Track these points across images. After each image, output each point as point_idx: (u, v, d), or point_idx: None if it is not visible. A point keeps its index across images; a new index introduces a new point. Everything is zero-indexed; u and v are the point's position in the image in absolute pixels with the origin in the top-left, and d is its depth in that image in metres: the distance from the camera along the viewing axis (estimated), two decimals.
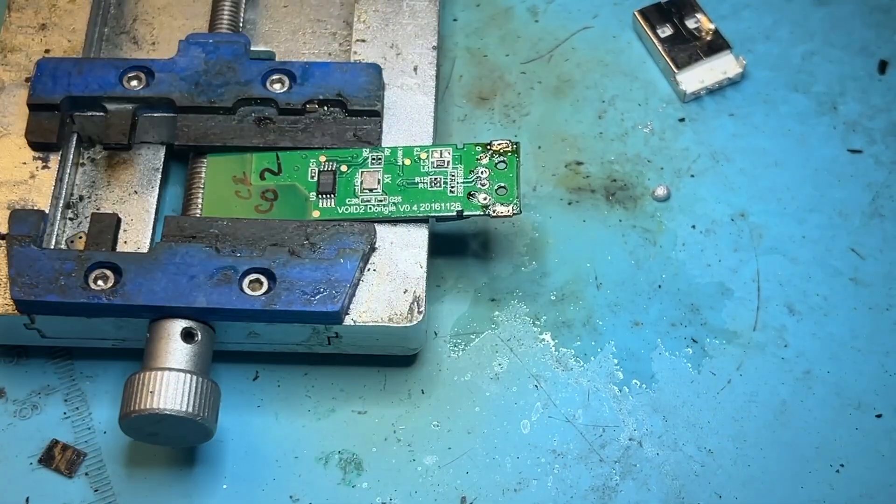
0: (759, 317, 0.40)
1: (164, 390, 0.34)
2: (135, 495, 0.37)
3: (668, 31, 0.45)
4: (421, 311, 0.37)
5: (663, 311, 0.40)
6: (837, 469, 0.38)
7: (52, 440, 0.38)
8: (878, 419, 0.38)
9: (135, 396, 0.34)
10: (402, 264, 0.37)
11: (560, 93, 0.44)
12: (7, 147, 0.39)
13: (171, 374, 0.34)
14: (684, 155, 0.43)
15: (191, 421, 0.34)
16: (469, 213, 0.38)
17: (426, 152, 0.39)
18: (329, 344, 0.38)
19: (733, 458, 0.38)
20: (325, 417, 0.39)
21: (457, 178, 0.38)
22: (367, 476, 0.38)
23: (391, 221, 0.38)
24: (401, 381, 0.39)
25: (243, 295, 0.36)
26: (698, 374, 0.39)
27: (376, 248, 0.38)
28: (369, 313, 0.37)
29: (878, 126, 0.43)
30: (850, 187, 0.42)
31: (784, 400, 0.39)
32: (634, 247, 0.41)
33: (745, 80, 0.44)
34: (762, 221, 0.42)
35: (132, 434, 0.35)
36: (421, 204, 0.38)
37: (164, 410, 0.34)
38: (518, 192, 0.38)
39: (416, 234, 0.38)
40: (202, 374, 0.35)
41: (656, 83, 0.45)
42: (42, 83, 0.39)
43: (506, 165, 0.38)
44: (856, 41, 0.45)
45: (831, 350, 0.40)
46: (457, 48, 0.45)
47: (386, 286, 0.37)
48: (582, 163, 0.43)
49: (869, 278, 0.41)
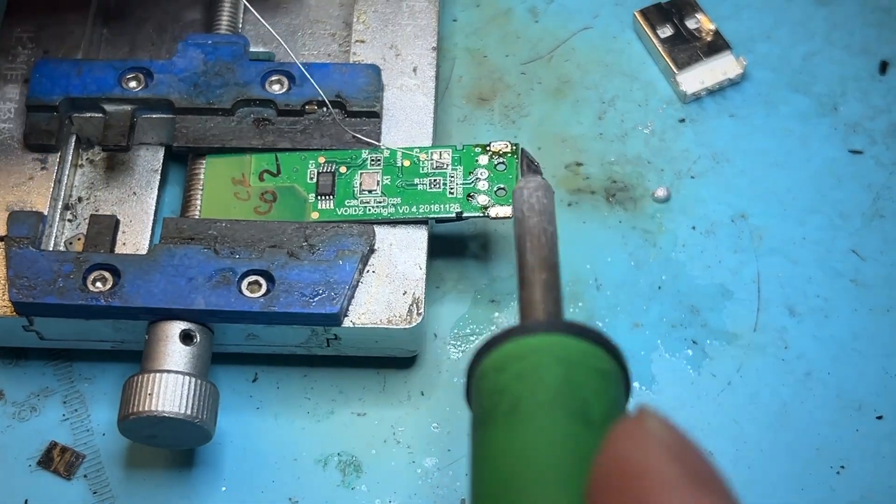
0: (760, 318, 0.40)
1: (163, 392, 0.34)
2: (133, 497, 0.37)
3: (668, 32, 0.45)
4: (420, 312, 0.37)
5: (663, 312, 0.40)
6: (838, 471, 0.38)
7: (51, 442, 0.38)
8: (878, 421, 0.38)
9: (133, 398, 0.34)
10: (402, 266, 0.37)
11: (560, 93, 0.44)
12: (5, 149, 0.39)
13: (170, 377, 0.34)
14: (684, 156, 0.43)
15: (189, 423, 0.34)
16: (468, 214, 0.38)
17: (425, 153, 0.39)
18: (328, 346, 0.38)
19: (733, 459, 0.38)
20: (324, 419, 0.39)
21: (456, 180, 0.38)
22: (367, 478, 0.38)
23: (390, 223, 0.38)
24: (400, 382, 0.39)
25: (242, 297, 0.36)
26: (698, 375, 0.39)
27: (375, 249, 0.38)
28: (368, 315, 0.37)
29: (878, 127, 0.43)
30: (850, 188, 0.42)
31: (784, 401, 0.39)
32: (634, 248, 0.41)
33: (745, 81, 0.44)
34: (762, 223, 0.42)
35: (131, 436, 0.35)
36: (420, 205, 0.38)
37: (162, 413, 0.34)
38: None
39: (415, 236, 0.38)
40: (201, 376, 0.35)
41: (656, 84, 0.44)
42: (40, 84, 0.39)
43: (505, 167, 0.38)
44: (857, 41, 0.45)
45: (832, 352, 0.39)
46: (456, 49, 0.45)
47: (385, 288, 0.37)
48: (582, 164, 0.43)
49: (870, 280, 0.41)
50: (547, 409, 0.25)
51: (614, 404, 0.26)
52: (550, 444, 0.25)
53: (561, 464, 0.25)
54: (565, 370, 0.26)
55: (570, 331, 0.27)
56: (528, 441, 0.25)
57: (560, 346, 0.27)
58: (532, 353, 0.27)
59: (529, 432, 0.25)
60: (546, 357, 0.26)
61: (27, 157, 0.39)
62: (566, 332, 0.27)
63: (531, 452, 0.25)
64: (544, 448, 0.25)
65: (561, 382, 0.26)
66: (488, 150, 0.38)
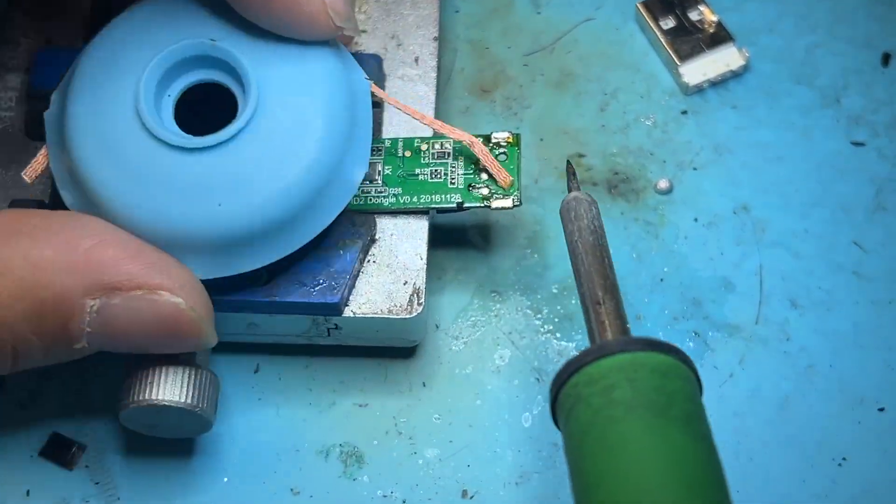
0: (762, 311, 0.40)
1: (164, 382, 0.34)
2: (135, 488, 0.37)
3: (670, 23, 0.44)
4: (421, 302, 0.37)
5: (665, 304, 0.40)
6: (840, 463, 0.38)
7: (53, 432, 0.38)
8: (880, 413, 0.38)
9: (134, 388, 0.34)
10: (403, 256, 0.37)
11: (562, 85, 0.44)
12: (7, 137, 0.39)
13: (170, 366, 0.34)
14: (687, 148, 0.43)
15: (190, 412, 0.34)
16: (469, 205, 0.38)
17: (427, 143, 0.39)
18: (329, 335, 0.38)
19: (735, 452, 0.38)
20: (326, 410, 0.39)
21: (457, 170, 0.38)
22: (369, 469, 0.38)
23: (391, 213, 0.38)
24: (402, 373, 0.39)
25: (243, 286, 0.36)
26: (700, 367, 0.39)
27: (376, 239, 0.38)
28: (369, 305, 0.37)
29: (881, 119, 0.43)
30: (853, 181, 0.42)
31: (786, 394, 0.39)
32: (636, 240, 0.41)
33: (748, 73, 0.44)
34: (765, 215, 0.42)
35: (132, 425, 0.35)
36: (421, 196, 0.38)
37: (163, 402, 0.34)
38: (519, 184, 0.38)
39: (416, 226, 0.38)
40: (201, 366, 0.35)
41: (659, 75, 0.44)
42: (42, 73, 0.39)
43: (507, 157, 0.38)
44: (860, 34, 0.45)
45: (834, 344, 0.39)
46: (458, 40, 0.45)
47: (386, 278, 0.37)
48: (584, 155, 0.43)
49: (872, 272, 0.41)
50: (640, 412, 0.29)
51: (691, 399, 0.30)
52: (651, 442, 0.29)
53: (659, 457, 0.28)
54: (658, 380, 0.30)
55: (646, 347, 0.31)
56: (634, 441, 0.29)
57: (640, 361, 0.30)
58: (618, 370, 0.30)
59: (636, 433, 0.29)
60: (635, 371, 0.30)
61: (29, 146, 0.39)
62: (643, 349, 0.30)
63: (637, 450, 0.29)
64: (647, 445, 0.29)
65: (650, 389, 0.30)
66: (490, 141, 0.38)
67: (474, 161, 0.38)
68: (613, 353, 0.30)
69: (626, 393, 0.29)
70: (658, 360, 0.30)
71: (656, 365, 0.30)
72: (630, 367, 0.30)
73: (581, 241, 0.34)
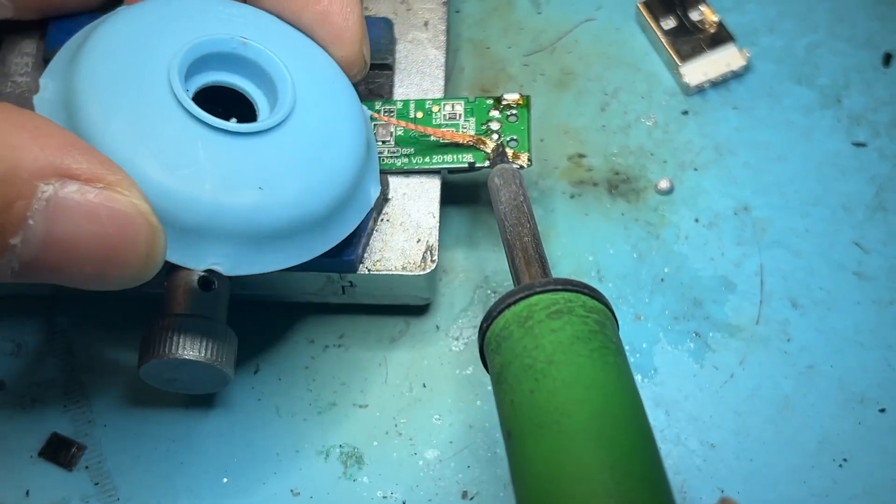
0: (762, 311, 0.40)
1: (183, 337, 0.34)
2: (135, 488, 0.37)
3: (671, 24, 0.44)
4: (434, 259, 0.37)
5: (666, 304, 0.40)
6: (840, 463, 0.38)
7: (52, 433, 0.38)
8: (881, 414, 0.38)
9: (154, 343, 0.34)
10: (415, 214, 0.38)
11: (563, 85, 0.44)
12: (22, 103, 0.38)
13: (189, 321, 0.34)
14: (687, 148, 0.43)
15: (209, 367, 0.34)
16: (480, 165, 0.38)
17: (438, 105, 0.39)
18: (343, 293, 0.38)
19: (736, 452, 0.38)
20: (325, 411, 0.38)
21: (468, 131, 0.38)
22: (369, 470, 0.38)
23: (404, 173, 0.38)
24: (402, 374, 0.39)
25: None
26: (701, 367, 0.39)
27: (389, 198, 0.38)
28: (383, 262, 0.37)
29: (882, 119, 0.43)
30: (853, 181, 0.42)
31: (787, 394, 0.39)
32: (637, 240, 0.41)
33: (748, 73, 0.44)
34: (765, 215, 0.42)
35: (151, 380, 0.35)
36: (433, 156, 0.38)
37: (182, 356, 0.34)
38: (530, 145, 0.38)
39: (428, 185, 0.38)
40: (219, 322, 0.35)
41: (659, 75, 0.44)
42: (57, 39, 0.38)
43: (517, 118, 0.38)
44: (860, 33, 0.45)
45: (834, 344, 0.39)
46: (459, 40, 0.45)
47: (399, 236, 0.37)
48: (585, 155, 0.43)
49: (873, 272, 0.40)
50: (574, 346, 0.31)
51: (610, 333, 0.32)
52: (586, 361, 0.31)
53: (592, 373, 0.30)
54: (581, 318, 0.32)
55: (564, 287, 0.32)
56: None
57: (557, 299, 0.32)
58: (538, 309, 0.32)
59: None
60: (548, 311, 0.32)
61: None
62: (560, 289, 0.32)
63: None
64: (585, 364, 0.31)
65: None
66: (500, 103, 0.39)
67: (485, 122, 0.38)
68: (535, 293, 0.32)
69: (547, 326, 0.31)
70: (582, 300, 0.32)
71: (583, 302, 0.32)
72: (552, 303, 0.32)
73: (504, 202, 0.35)
